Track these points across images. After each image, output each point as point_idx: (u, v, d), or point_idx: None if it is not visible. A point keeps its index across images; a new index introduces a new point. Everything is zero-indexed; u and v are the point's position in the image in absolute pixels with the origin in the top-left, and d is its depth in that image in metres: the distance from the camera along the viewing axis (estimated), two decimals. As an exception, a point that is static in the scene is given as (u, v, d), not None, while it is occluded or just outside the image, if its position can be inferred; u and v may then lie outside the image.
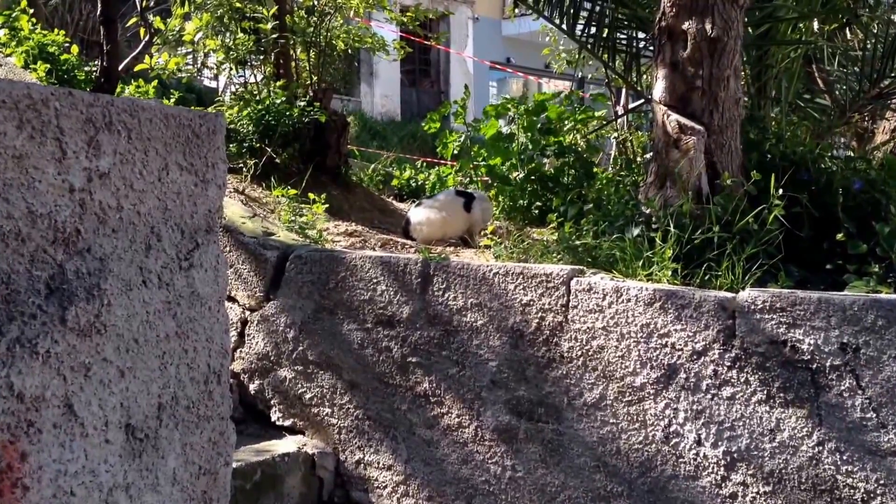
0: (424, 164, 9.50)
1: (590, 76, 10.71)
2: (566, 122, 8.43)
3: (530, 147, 8.38)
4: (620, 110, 11.36)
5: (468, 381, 3.33)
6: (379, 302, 3.54)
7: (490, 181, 8.36)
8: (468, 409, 3.31)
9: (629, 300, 3.15)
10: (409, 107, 20.89)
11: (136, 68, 6.41)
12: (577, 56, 10.18)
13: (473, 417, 3.30)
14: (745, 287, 3.17)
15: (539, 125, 8.17)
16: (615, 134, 10.69)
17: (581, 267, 3.47)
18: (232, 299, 3.84)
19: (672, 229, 3.50)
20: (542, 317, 3.27)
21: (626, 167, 8.86)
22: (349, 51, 7.92)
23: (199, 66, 7.49)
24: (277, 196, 5.76)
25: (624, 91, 10.41)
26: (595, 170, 8.69)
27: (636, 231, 3.68)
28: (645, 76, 6.28)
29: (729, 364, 2.95)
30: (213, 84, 11.81)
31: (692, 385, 2.99)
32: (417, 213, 5.48)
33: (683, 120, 3.79)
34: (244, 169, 5.86)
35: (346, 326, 3.59)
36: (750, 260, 3.36)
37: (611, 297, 3.18)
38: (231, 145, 5.94)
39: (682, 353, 3.01)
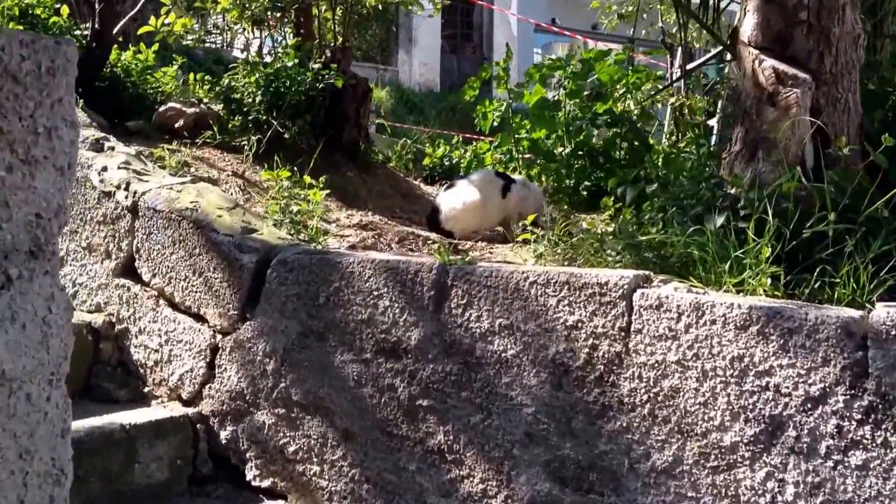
0: (461, 140, 8.62)
1: (643, 32, 9.70)
2: (618, 86, 7.49)
3: (578, 116, 7.47)
4: (676, 72, 10.35)
5: (495, 434, 2.51)
6: (380, 323, 2.73)
7: (533, 158, 7.48)
8: (495, 471, 2.49)
9: (714, 322, 2.31)
10: (450, 76, 19.91)
11: (140, 31, 5.64)
12: (629, 8, 9.21)
13: (502, 484, 2.47)
14: (876, 301, 2.30)
15: (587, 90, 7.25)
16: (672, 100, 9.73)
17: (646, 272, 2.61)
18: (201, 319, 3.05)
19: (770, 218, 2.63)
20: (593, 345, 2.45)
21: (690, 138, 7.92)
22: (380, 7, 7.08)
23: (209, 27, 6.67)
24: (278, 178, 4.96)
25: (681, 50, 9.42)
26: (652, 142, 7.80)
27: (719, 220, 2.81)
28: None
29: (860, 417, 2.09)
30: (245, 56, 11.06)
31: (805, 447, 2.14)
32: (448, 199, 4.63)
33: (782, 66, 2.89)
34: (246, 146, 5.06)
35: (339, 356, 2.79)
36: (879, 260, 2.48)
37: (689, 316, 2.34)
38: (234, 119, 5.15)
39: (791, 400, 2.17)
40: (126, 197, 3.27)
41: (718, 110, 10.13)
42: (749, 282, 2.56)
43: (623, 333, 2.43)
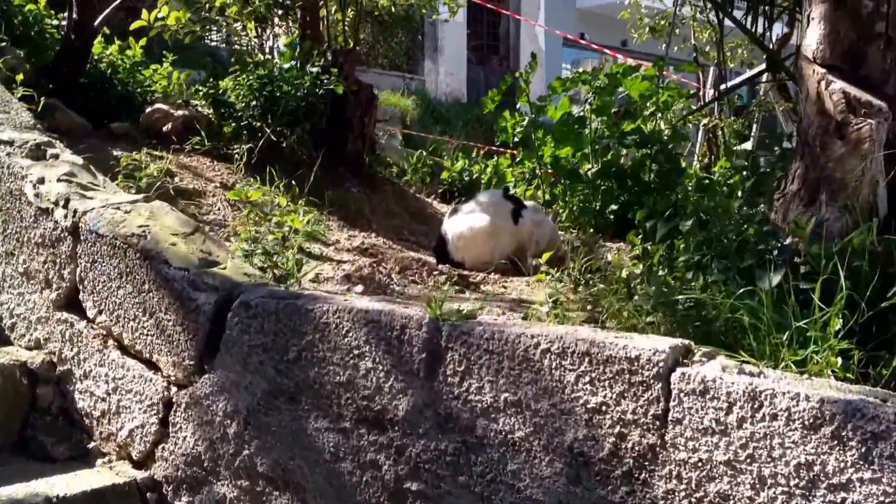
0: (482, 154, 8.12)
1: (675, 49, 9.19)
2: (648, 104, 6.97)
3: (605, 134, 6.96)
4: (710, 92, 9.80)
5: (496, 538, 2.03)
6: (362, 388, 2.25)
7: (556, 178, 6.97)
8: (494, 588, 2.00)
9: (775, 417, 1.82)
10: (476, 86, 19.42)
11: (133, 26, 5.20)
12: (662, 23, 8.69)
13: None
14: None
15: (616, 107, 6.75)
16: (705, 121, 9.19)
17: (685, 342, 2.11)
18: (153, 366, 2.58)
19: (841, 280, 2.14)
20: (621, 433, 1.97)
21: (725, 165, 7.38)
22: (401, 12, 6.62)
23: (207, 20, 6.22)
24: (272, 196, 4.48)
25: (713, 68, 8.88)
26: (684, 164, 7.26)
27: (775, 278, 2.31)
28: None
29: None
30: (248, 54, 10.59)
31: (897, 589, 1.64)
32: (455, 225, 4.13)
33: (854, 91, 2.39)
34: (237, 155, 4.59)
35: (313, 423, 2.32)
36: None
37: (742, 408, 1.86)
38: (226, 124, 4.69)
39: (876, 526, 1.67)
40: (65, 216, 2.80)
41: (752, 134, 9.62)
42: (814, 358, 2.07)
43: (658, 423, 1.94)
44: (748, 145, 10.61)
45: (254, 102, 4.53)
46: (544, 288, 3.89)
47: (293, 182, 4.48)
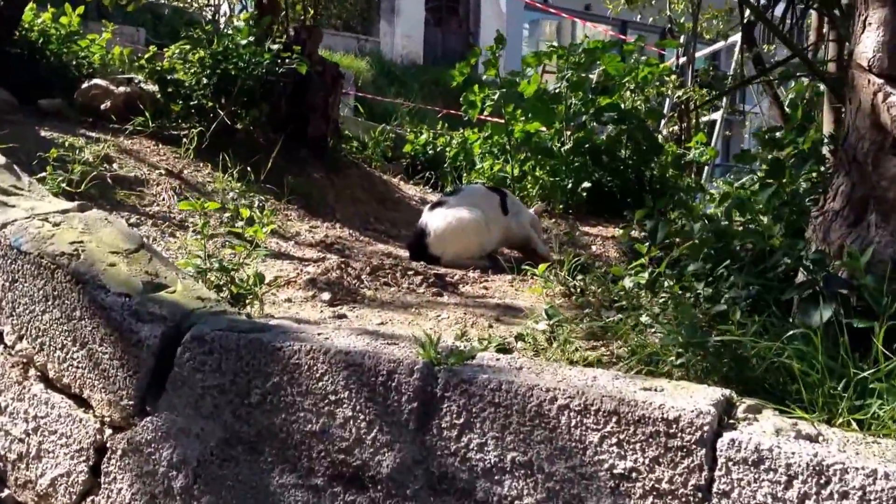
0: (445, 124, 7.71)
1: (651, 19, 8.83)
2: (627, 80, 6.64)
3: (581, 110, 6.61)
4: (678, 60, 9.46)
5: None
6: (339, 439, 1.89)
7: (527, 152, 6.62)
8: None
9: (845, 495, 1.54)
10: (433, 49, 18.85)
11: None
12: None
13: None
14: None
15: (593, 83, 6.41)
16: (679, 92, 8.86)
17: (727, 394, 1.79)
18: (84, 403, 2.18)
19: (903, 321, 1.83)
20: (657, 509, 1.63)
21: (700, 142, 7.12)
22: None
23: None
24: (226, 184, 4.05)
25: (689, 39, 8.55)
26: (661, 142, 6.94)
27: (825, 313, 1.99)
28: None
29: None
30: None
31: None
32: (437, 220, 3.78)
33: (916, 104, 2.07)
34: (185, 139, 4.15)
35: (277, 477, 1.95)
36: None
37: (805, 482, 1.57)
38: (174, 104, 4.24)
39: None
40: (-21, 230, 2.36)
41: (723, 104, 9.33)
42: (879, 414, 1.75)
43: (701, 495, 1.63)
44: (717, 115, 10.38)
45: (205, 81, 4.07)
46: (529, 289, 3.56)
47: (248, 169, 4.07)
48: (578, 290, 3.22)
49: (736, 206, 2.98)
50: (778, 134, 4.61)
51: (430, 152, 7.42)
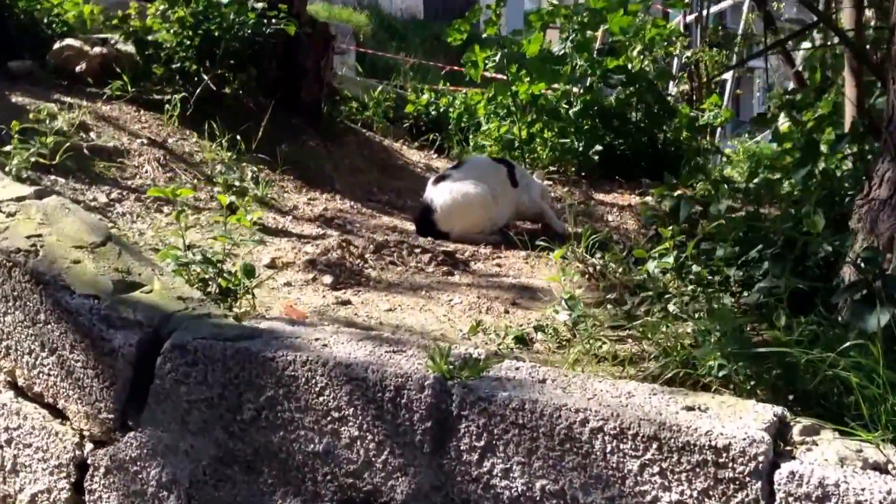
0: (447, 83, 7.40)
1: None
2: (635, 41, 6.36)
3: (587, 72, 6.33)
4: (685, 20, 9.13)
5: None
6: (345, 461, 1.68)
7: (534, 114, 6.34)
8: None
9: None
10: (434, 3, 18.41)
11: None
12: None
13: None
14: None
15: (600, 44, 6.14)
16: (688, 52, 8.54)
17: (780, 413, 1.58)
18: (59, 413, 1.95)
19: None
20: (707, 549, 1.42)
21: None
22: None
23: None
24: (214, 153, 3.79)
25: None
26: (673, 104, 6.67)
27: (883, 317, 1.77)
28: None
29: None
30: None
31: None
32: (443, 194, 3.55)
33: None
34: (168, 105, 3.89)
35: (280, 501, 1.75)
36: None
37: (880, 522, 1.32)
38: (153, 66, 3.97)
39: None
40: (-72, 220, 2.11)
41: (734, 62, 9.01)
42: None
43: (757, 533, 1.41)
44: (727, 75, 10.08)
45: (187, 42, 3.79)
46: (545, 267, 3.34)
47: (238, 137, 3.80)
48: (599, 272, 3.00)
49: (766, 186, 2.74)
50: (797, 97, 4.37)
51: (432, 113, 7.13)
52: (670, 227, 2.70)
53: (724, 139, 7.44)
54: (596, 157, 6.12)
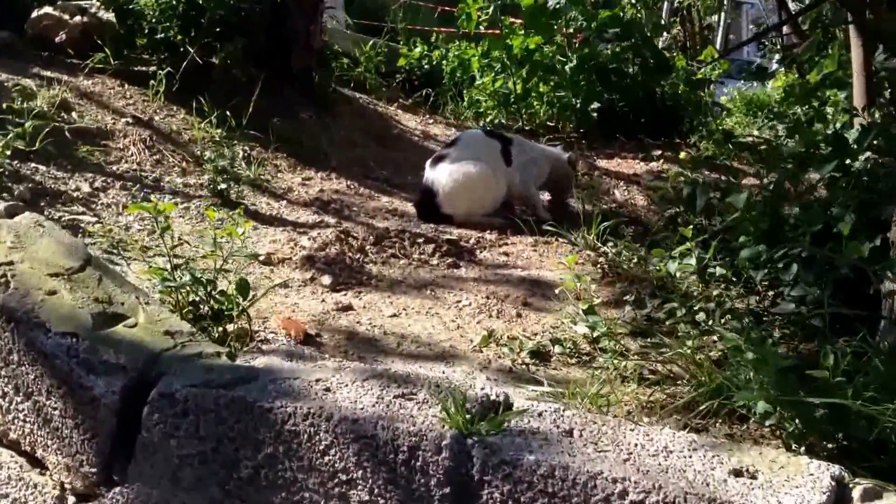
0: (441, 37, 7.11)
1: None
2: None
3: (583, 26, 6.08)
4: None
5: None
6: (351, 527, 1.52)
7: (528, 70, 6.10)
8: None
9: None
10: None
11: None
12: None
13: None
14: None
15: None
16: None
17: (836, 473, 1.43)
18: (37, 463, 1.79)
19: None
20: None
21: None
22: None
23: None
24: (203, 131, 3.58)
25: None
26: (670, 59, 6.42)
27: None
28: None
29: None
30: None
31: None
32: (445, 174, 3.37)
33: None
34: (154, 80, 3.66)
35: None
36: None
37: None
38: (137, 37, 3.73)
39: None
40: None
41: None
42: None
43: None
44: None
45: (171, 11, 3.55)
46: (554, 254, 3.16)
47: (228, 113, 3.58)
48: (614, 265, 2.83)
49: (789, 177, 2.55)
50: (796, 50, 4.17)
51: (425, 66, 6.88)
52: (690, 226, 2.52)
53: (720, 85, 7.17)
54: (594, 115, 5.93)
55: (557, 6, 5.76)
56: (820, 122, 5.31)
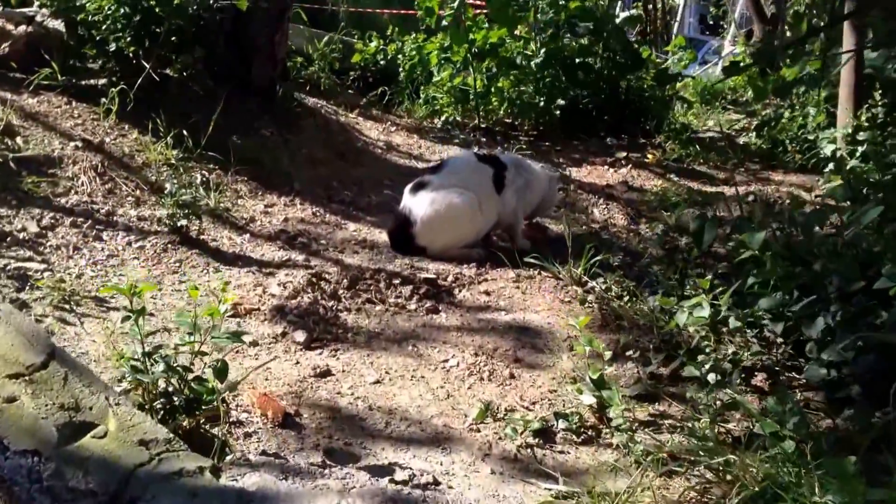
0: (396, 29, 6.83)
1: None
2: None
3: (551, 16, 5.88)
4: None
5: None
6: None
7: (493, 65, 5.90)
8: None
9: None
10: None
11: None
12: None
13: None
14: None
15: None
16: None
17: None
18: None
19: None
20: None
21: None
22: None
23: None
24: (158, 154, 3.32)
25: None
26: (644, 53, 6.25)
27: None
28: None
29: None
30: None
31: None
32: (425, 203, 3.14)
33: None
34: (106, 97, 3.39)
35: None
36: None
37: None
38: (87, 48, 3.46)
39: None
40: None
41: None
42: None
43: None
44: None
45: (124, 21, 3.28)
46: (538, 292, 2.98)
47: (185, 132, 3.32)
48: (604, 303, 2.67)
49: (817, 220, 2.38)
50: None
51: (381, 62, 6.62)
52: (707, 277, 2.36)
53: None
54: (557, 112, 5.75)
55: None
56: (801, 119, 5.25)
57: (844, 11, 4.10)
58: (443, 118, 5.85)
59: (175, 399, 1.74)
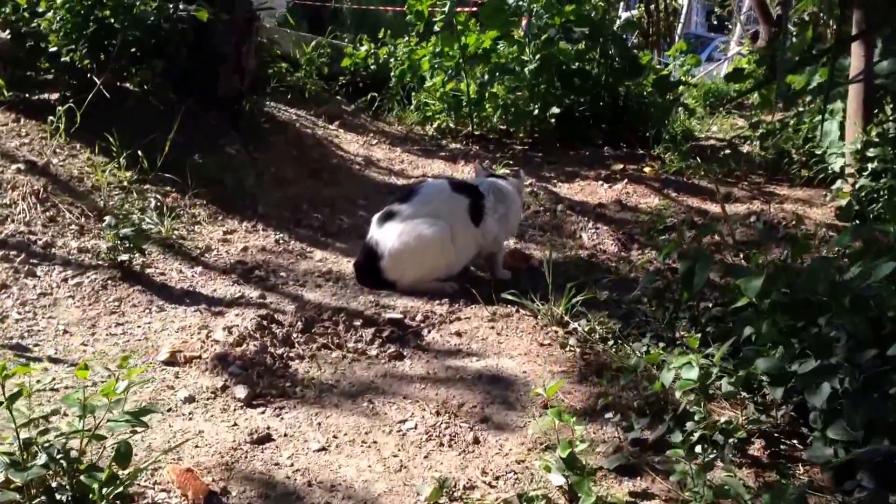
0: (388, 31, 6.56)
1: None
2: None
3: (546, 21, 5.61)
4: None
5: None
6: None
7: (486, 71, 5.63)
8: None
9: None
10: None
11: None
12: None
13: None
14: None
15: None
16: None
17: None
18: None
19: None
20: None
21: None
22: None
23: None
24: (108, 177, 3.06)
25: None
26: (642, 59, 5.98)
27: None
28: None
29: None
30: None
31: None
32: (390, 236, 2.88)
33: None
34: (55, 114, 3.15)
35: None
36: None
37: None
38: (38, 62, 3.23)
39: None
40: None
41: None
42: None
43: None
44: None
45: (77, 33, 3.03)
46: (514, 334, 2.71)
47: (140, 153, 3.06)
48: (586, 349, 2.41)
49: (822, 270, 2.10)
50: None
51: (371, 66, 6.37)
52: (696, 334, 2.09)
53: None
54: (552, 121, 5.51)
55: (520, 2, 5.33)
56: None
57: (852, 24, 3.83)
58: (435, 125, 5.65)
59: (59, 496, 1.48)
